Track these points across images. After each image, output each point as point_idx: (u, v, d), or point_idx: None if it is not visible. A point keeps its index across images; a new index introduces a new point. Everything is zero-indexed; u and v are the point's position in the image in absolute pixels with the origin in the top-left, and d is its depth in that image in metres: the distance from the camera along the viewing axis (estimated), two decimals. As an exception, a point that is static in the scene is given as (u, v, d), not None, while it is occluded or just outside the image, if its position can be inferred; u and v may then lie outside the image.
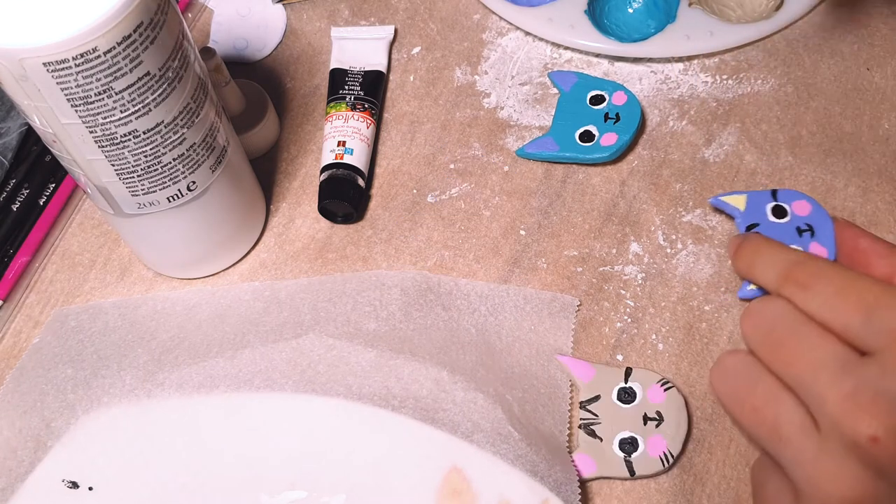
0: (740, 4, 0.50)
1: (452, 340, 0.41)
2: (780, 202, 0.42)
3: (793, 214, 0.41)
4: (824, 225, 0.41)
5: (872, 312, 0.29)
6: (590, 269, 0.44)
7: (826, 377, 0.29)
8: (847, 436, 0.28)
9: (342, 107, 0.48)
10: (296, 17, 0.55)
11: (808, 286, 0.31)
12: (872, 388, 0.28)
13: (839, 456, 0.28)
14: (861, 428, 0.27)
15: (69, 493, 0.37)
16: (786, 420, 0.30)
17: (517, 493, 0.35)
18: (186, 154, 0.38)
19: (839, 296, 0.30)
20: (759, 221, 0.42)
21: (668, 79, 0.50)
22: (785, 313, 0.31)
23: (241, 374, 0.39)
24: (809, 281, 0.31)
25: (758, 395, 0.31)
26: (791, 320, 0.31)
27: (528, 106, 0.50)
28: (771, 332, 0.31)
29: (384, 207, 0.47)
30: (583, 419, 0.39)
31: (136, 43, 0.32)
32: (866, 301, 0.29)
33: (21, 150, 0.48)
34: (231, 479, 0.37)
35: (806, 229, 0.41)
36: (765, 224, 0.42)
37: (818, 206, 0.42)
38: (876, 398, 0.27)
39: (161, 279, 0.46)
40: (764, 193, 0.43)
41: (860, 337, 0.29)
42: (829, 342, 0.30)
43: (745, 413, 0.31)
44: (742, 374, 0.32)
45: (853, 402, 0.28)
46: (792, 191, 0.42)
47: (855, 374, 0.28)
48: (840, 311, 0.30)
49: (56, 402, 0.40)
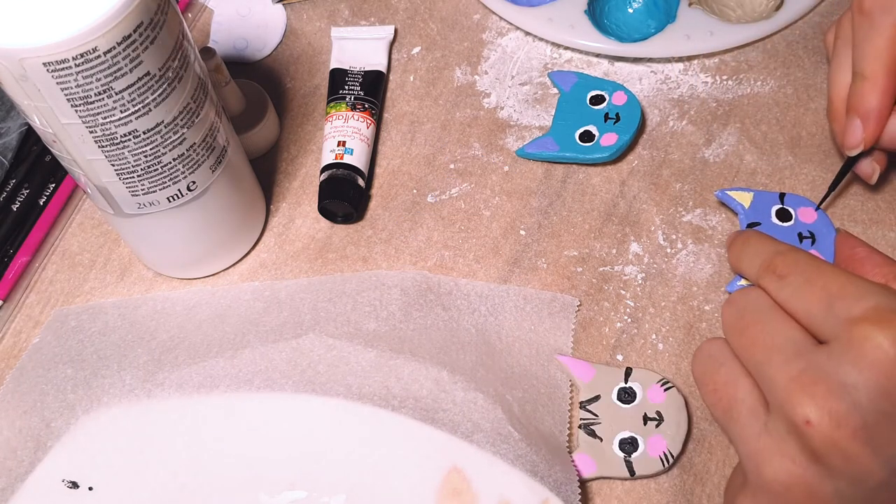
0: (740, 4, 0.50)
1: (452, 340, 0.41)
2: (786, 206, 0.42)
3: (797, 220, 0.42)
4: (827, 235, 0.41)
5: (833, 301, 0.29)
6: (590, 269, 0.44)
7: (779, 360, 0.29)
8: (788, 418, 0.28)
9: (342, 107, 0.48)
10: (296, 17, 0.55)
11: (783, 276, 0.31)
12: (816, 372, 0.28)
13: (779, 438, 0.29)
14: (799, 410, 0.28)
15: (69, 493, 0.37)
16: (739, 400, 0.31)
17: (517, 493, 0.35)
18: (186, 154, 0.38)
19: (807, 285, 0.30)
20: (762, 221, 0.42)
21: (668, 79, 0.50)
22: (757, 301, 0.32)
23: (241, 374, 0.39)
24: (786, 271, 0.31)
25: (720, 376, 0.32)
26: (760, 307, 0.32)
27: (528, 106, 0.50)
28: (740, 319, 0.32)
29: (384, 207, 0.47)
30: (583, 419, 0.39)
31: (136, 43, 0.32)
32: (830, 291, 0.29)
33: (21, 150, 0.48)
34: (231, 479, 0.37)
35: (808, 236, 0.41)
36: (767, 224, 0.42)
37: (825, 217, 0.42)
38: (817, 382, 0.28)
39: (161, 279, 0.46)
40: (772, 195, 0.43)
41: (819, 325, 0.29)
42: (789, 328, 0.30)
43: (707, 393, 0.32)
44: (713, 357, 0.33)
45: (797, 384, 0.28)
46: (801, 197, 0.43)
47: (805, 359, 0.28)
48: (805, 299, 0.30)
49: (56, 402, 0.40)
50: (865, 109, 0.40)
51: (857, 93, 0.40)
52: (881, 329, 0.27)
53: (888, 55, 0.39)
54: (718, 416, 0.32)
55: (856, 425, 0.27)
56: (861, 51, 0.40)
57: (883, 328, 0.27)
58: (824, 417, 0.27)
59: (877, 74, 0.39)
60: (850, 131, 0.41)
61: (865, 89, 0.40)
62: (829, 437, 0.27)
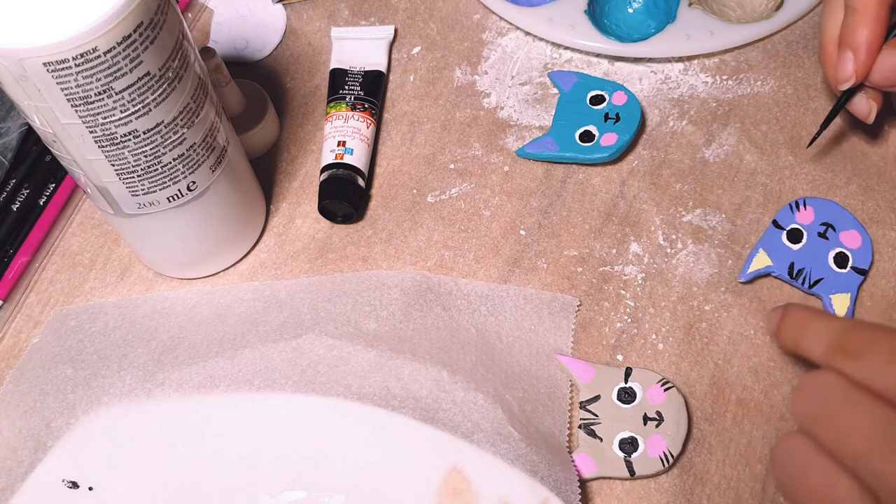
0: (740, 4, 0.50)
1: (452, 340, 0.41)
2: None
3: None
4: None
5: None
6: (590, 269, 0.44)
7: (884, 450, 0.27)
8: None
9: (342, 107, 0.48)
10: (296, 17, 0.55)
11: (859, 355, 0.29)
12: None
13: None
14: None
15: (69, 493, 0.37)
16: (843, 499, 0.28)
17: (517, 493, 0.35)
18: (186, 154, 0.38)
19: (890, 362, 0.28)
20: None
21: (668, 79, 0.50)
22: (836, 385, 0.29)
23: (241, 374, 0.39)
24: (860, 349, 0.29)
25: (813, 479, 0.29)
26: (842, 392, 0.29)
27: (528, 106, 0.50)
28: (823, 407, 0.29)
29: (384, 207, 0.47)
30: (583, 419, 0.39)
31: (136, 43, 0.32)
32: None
33: (21, 150, 0.48)
34: (231, 479, 0.37)
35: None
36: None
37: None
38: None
39: (161, 279, 0.46)
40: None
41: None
42: (884, 412, 0.27)
43: (801, 498, 0.29)
44: (797, 457, 0.30)
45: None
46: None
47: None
48: (891, 376, 0.28)
49: (56, 402, 0.40)
50: (856, 41, 0.40)
51: (848, 25, 0.40)
52: None
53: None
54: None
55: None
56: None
57: None
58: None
59: (867, 5, 0.40)
60: (841, 64, 0.41)
61: (856, 21, 0.40)
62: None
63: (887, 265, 0.43)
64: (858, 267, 0.42)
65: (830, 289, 0.41)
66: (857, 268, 0.42)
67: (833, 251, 0.42)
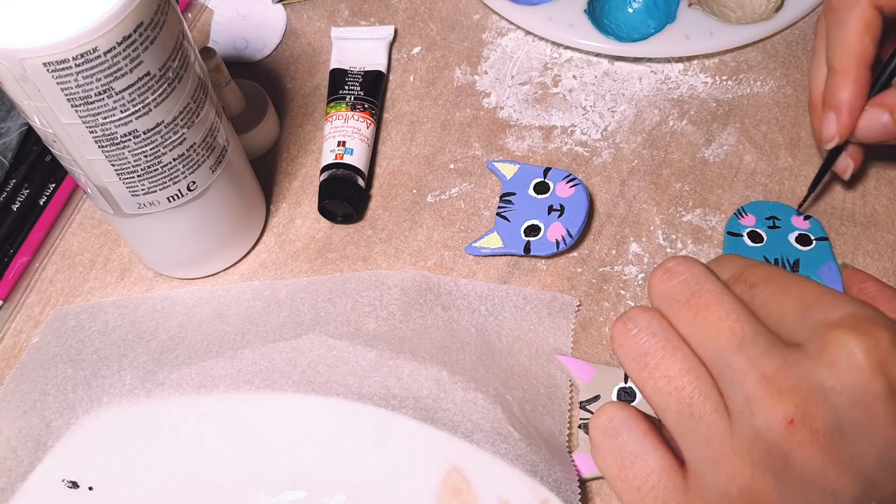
0: (740, 5, 0.50)
1: (452, 340, 0.41)
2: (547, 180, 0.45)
3: (553, 193, 0.44)
4: (579, 207, 0.44)
5: (809, 308, 0.27)
6: (590, 270, 0.44)
7: (750, 352, 0.26)
8: (763, 419, 0.26)
9: (342, 107, 0.48)
10: (296, 17, 0.55)
11: (754, 285, 0.29)
12: (795, 372, 0.26)
13: (746, 442, 0.26)
14: (779, 411, 0.25)
15: (69, 493, 0.37)
16: (702, 394, 0.27)
17: (517, 493, 0.35)
18: (186, 154, 0.38)
19: (781, 293, 0.28)
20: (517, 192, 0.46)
21: (668, 79, 0.50)
22: (710, 278, 0.28)
23: (241, 374, 0.39)
24: (757, 281, 0.29)
25: (673, 363, 0.28)
26: (722, 289, 0.28)
27: (528, 106, 0.50)
28: (693, 294, 0.28)
29: (384, 207, 0.47)
30: (583, 419, 0.39)
31: (136, 43, 0.32)
32: (805, 299, 0.27)
33: (21, 150, 0.48)
34: (231, 478, 0.37)
35: (557, 209, 0.44)
36: (522, 195, 0.45)
37: (582, 188, 0.44)
38: (797, 383, 0.25)
39: (161, 279, 0.46)
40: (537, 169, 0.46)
41: (791, 330, 0.27)
42: (758, 322, 0.27)
43: (653, 380, 0.28)
44: (653, 334, 0.29)
45: (772, 383, 0.26)
46: (563, 171, 0.45)
47: (781, 356, 0.26)
48: (778, 305, 0.28)
49: (56, 402, 0.40)
50: (838, 102, 0.40)
51: (829, 86, 0.41)
52: (858, 335, 0.25)
53: (856, 48, 0.40)
54: (672, 412, 0.28)
55: (834, 433, 0.25)
56: (832, 45, 0.41)
57: (860, 335, 0.25)
58: (803, 422, 0.25)
59: (846, 67, 0.40)
60: (824, 124, 0.41)
61: (836, 82, 0.40)
62: (805, 444, 0.25)
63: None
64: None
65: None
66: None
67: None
